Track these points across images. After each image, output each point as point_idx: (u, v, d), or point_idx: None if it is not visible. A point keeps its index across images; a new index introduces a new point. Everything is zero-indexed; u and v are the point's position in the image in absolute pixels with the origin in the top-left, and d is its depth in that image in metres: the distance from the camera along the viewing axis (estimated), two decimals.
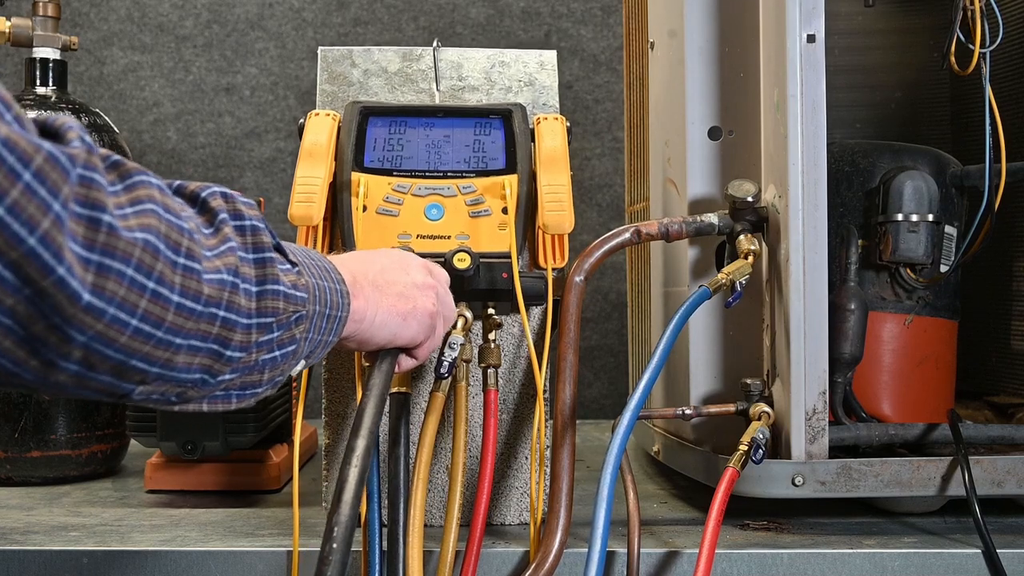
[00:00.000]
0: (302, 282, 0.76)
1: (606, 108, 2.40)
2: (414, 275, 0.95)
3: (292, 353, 0.77)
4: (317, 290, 0.79)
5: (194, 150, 2.36)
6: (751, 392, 1.19)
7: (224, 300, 0.67)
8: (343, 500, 0.76)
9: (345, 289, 0.84)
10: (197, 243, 0.66)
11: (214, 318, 0.67)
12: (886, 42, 1.70)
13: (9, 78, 2.35)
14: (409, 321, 0.92)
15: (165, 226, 0.63)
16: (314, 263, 0.81)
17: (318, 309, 0.79)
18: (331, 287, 0.82)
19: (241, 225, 0.72)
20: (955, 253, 1.32)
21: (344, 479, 0.78)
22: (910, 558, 1.09)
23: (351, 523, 0.76)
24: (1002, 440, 1.24)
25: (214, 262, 0.67)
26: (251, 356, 0.72)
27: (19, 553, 1.10)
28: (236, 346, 0.70)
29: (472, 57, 1.29)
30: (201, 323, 0.66)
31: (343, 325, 0.84)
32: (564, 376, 1.12)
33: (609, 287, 2.36)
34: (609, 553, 1.10)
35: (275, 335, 0.73)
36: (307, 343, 0.78)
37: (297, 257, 0.79)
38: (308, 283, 0.77)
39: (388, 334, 0.91)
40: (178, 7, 2.37)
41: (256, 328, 0.71)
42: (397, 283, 0.92)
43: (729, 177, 1.23)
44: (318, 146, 1.17)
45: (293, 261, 0.77)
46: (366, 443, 0.80)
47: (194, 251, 0.65)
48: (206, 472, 1.37)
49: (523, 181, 1.18)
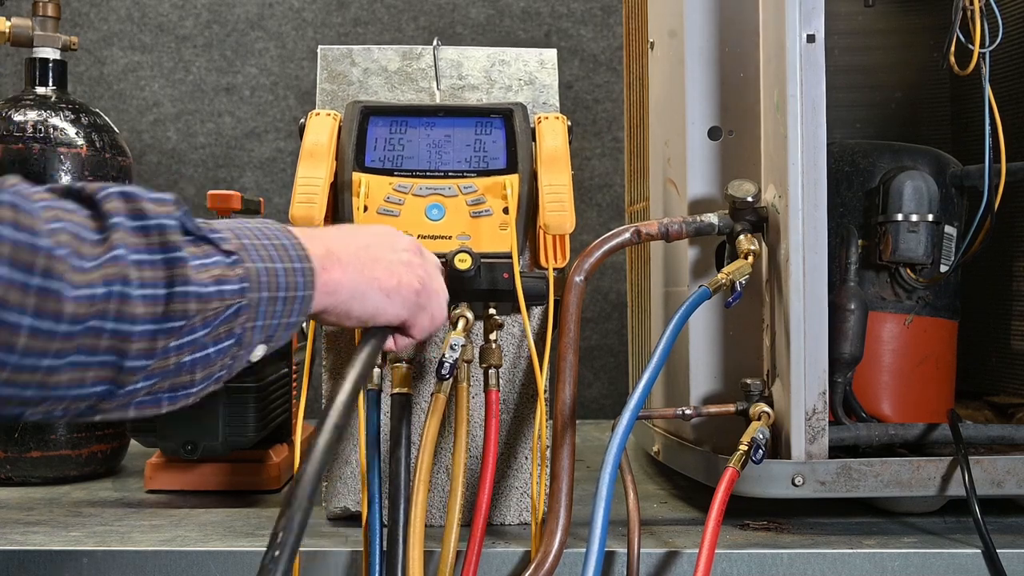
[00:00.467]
0: (235, 273, 0.73)
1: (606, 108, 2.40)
2: (400, 252, 0.93)
3: (234, 346, 0.74)
4: (265, 274, 0.76)
5: (194, 150, 2.36)
6: (751, 392, 1.19)
7: (110, 312, 0.65)
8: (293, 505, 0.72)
9: (309, 266, 0.81)
10: (61, 259, 0.62)
11: (99, 332, 0.65)
12: (886, 42, 1.70)
13: (9, 78, 2.35)
14: (393, 297, 0.91)
15: (9, 247, 0.60)
16: (267, 244, 0.78)
17: (267, 295, 0.76)
18: (286, 267, 0.79)
19: (144, 226, 0.69)
20: (955, 253, 1.32)
21: (300, 474, 0.74)
22: (910, 558, 1.09)
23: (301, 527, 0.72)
24: (1002, 440, 1.24)
25: (89, 275, 0.64)
26: (166, 361, 0.70)
27: (19, 553, 1.10)
28: (137, 355, 0.67)
29: (472, 56, 1.29)
30: (78, 340, 0.64)
31: (307, 303, 0.81)
32: (564, 376, 1.12)
33: (609, 287, 2.36)
34: (609, 553, 1.10)
35: (198, 335, 0.71)
36: (257, 331, 0.76)
37: (242, 241, 0.76)
38: (250, 270, 0.75)
39: (371, 308, 0.89)
40: (178, 7, 2.37)
41: (163, 334, 0.68)
42: (382, 259, 0.90)
43: (729, 177, 1.23)
44: (319, 146, 1.17)
45: (228, 250, 0.74)
46: (328, 439, 0.77)
47: (54, 269, 0.62)
48: (206, 472, 1.37)
49: (524, 181, 1.18)
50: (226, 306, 0.73)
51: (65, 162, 1.52)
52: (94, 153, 1.54)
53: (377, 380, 1.13)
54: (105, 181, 1.52)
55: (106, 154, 1.56)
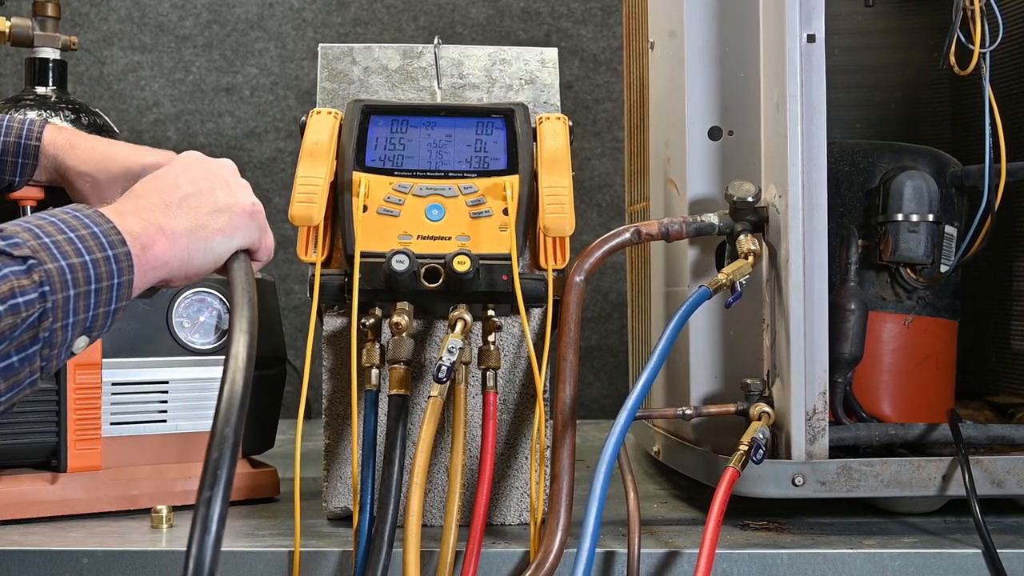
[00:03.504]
0: (31, 281, 0.72)
1: (606, 108, 2.40)
2: (222, 182, 0.92)
3: (43, 349, 0.73)
4: (69, 271, 0.74)
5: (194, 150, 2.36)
6: (751, 392, 1.19)
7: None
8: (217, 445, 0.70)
9: (124, 251, 0.79)
10: None
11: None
12: (886, 42, 1.70)
13: (9, 78, 2.35)
14: (232, 233, 0.90)
15: None
16: (73, 237, 0.76)
17: (74, 291, 0.74)
18: (96, 258, 0.76)
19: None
20: (955, 253, 1.32)
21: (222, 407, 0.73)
22: (910, 558, 1.09)
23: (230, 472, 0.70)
24: (1002, 440, 1.24)
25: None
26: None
27: (19, 553, 1.10)
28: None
29: (473, 55, 1.29)
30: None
31: (128, 287, 0.79)
32: (564, 376, 1.12)
33: (609, 287, 2.36)
34: (609, 553, 1.10)
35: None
36: (69, 328, 0.75)
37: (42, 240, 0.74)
38: (51, 271, 0.73)
39: (214, 255, 0.88)
40: (178, 7, 2.37)
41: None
42: (204, 204, 0.88)
43: (729, 177, 1.23)
44: (319, 145, 1.17)
45: (21, 256, 0.72)
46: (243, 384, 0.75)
47: None
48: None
49: (524, 182, 1.18)
50: (23, 317, 0.71)
51: None
52: None
53: (376, 381, 1.13)
54: None
55: None
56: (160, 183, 0.90)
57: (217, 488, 0.68)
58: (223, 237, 0.89)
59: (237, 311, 0.81)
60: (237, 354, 0.76)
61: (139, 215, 0.83)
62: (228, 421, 0.72)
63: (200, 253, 0.87)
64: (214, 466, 0.69)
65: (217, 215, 0.89)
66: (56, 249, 0.75)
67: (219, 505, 0.68)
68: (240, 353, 0.76)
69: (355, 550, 1.06)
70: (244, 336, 0.78)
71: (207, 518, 0.67)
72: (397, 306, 1.13)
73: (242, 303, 0.82)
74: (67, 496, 1.24)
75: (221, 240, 0.89)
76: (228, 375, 0.75)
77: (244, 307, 0.82)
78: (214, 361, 1.32)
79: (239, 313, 0.81)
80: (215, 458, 0.69)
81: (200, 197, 0.89)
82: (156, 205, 0.86)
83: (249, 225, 0.92)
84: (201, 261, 0.87)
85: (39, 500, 1.23)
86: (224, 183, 0.93)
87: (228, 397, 0.73)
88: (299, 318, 2.32)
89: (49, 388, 1.24)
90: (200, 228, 0.87)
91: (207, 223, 0.88)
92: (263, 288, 1.39)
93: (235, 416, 0.72)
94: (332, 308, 1.20)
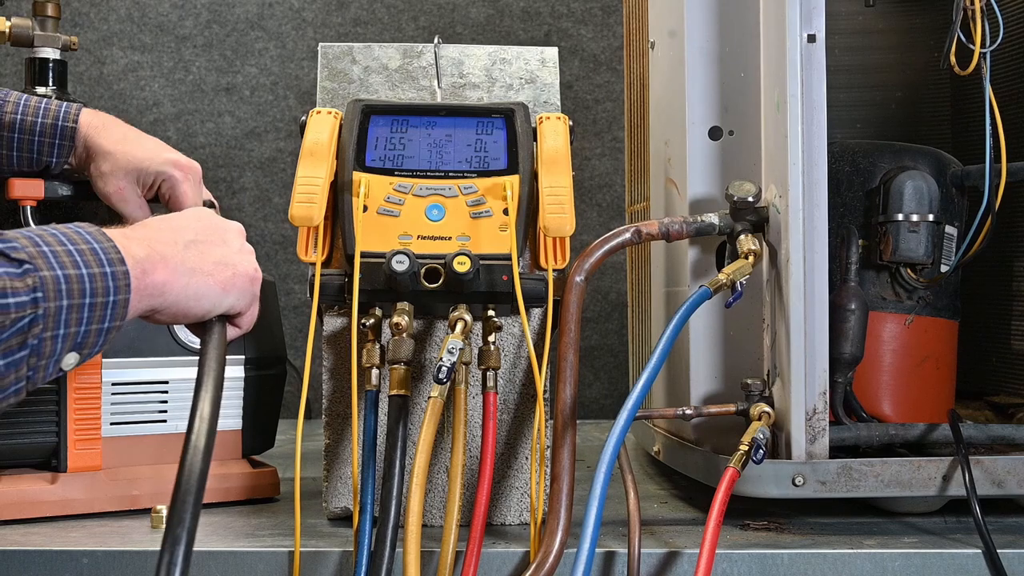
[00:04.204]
0: (24, 284, 0.72)
1: (606, 108, 2.40)
2: (231, 241, 0.93)
3: (30, 357, 0.73)
4: (64, 281, 0.74)
5: (194, 150, 2.36)
6: (751, 392, 1.19)
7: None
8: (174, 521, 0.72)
9: (123, 270, 0.79)
10: None
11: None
12: (886, 42, 1.70)
13: (9, 78, 2.35)
14: (229, 290, 0.90)
15: None
16: (72, 249, 0.76)
17: (67, 303, 0.74)
18: (93, 273, 0.76)
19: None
20: (955, 253, 1.32)
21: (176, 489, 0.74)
22: (910, 558, 1.09)
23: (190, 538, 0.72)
24: (1002, 440, 1.24)
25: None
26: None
27: (19, 553, 1.10)
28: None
29: (473, 54, 1.28)
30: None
31: (121, 308, 0.79)
32: (564, 376, 1.12)
33: (609, 287, 2.36)
34: (609, 553, 1.10)
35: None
36: (59, 340, 0.75)
37: (40, 248, 0.74)
38: (47, 278, 0.73)
39: (208, 304, 0.89)
40: (178, 7, 2.37)
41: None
42: (213, 252, 0.90)
43: (729, 177, 1.23)
44: (319, 145, 1.17)
45: (19, 259, 0.72)
46: (205, 442, 0.77)
47: None
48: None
49: (525, 182, 1.18)
50: (12, 319, 0.71)
51: None
52: None
53: (376, 381, 1.13)
54: None
55: None
56: (172, 223, 0.91)
57: (176, 553, 0.70)
58: (220, 290, 0.89)
59: (202, 388, 0.81)
60: (196, 442, 0.76)
61: (146, 243, 0.83)
62: (184, 503, 0.72)
63: (194, 296, 0.87)
64: (172, 539, 0.71)
65: (221, 268, 0.90)
66: (54, 258, 0.75)
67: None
68: (200, 440, 0.76)
69: (355, 550, 1.06)
70: (205, 423, 0.78)
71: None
72: (397, 306, 1.13)
73: (208, 380, 0.82)
74: (67, 496, 1.24)
75: (218, 292, 0.89)
76: (192, 436, 0.75)
77: (209, 385, 0.82)
78: None
79: (203, 391, 0.81)
80: (175, 524, 0.71)
81: (208, 247, 0.90)
82: (165, 239, 0.86)
83: (246, 288, 0.93)
84: (194, 304, 0.87)
85: (39, 500, 1.23)
86: (232, 243, 0.93)
87: (189, 465, 0.74)
88: (299, 318, 2.32)
89: (49, 388, 1.24)
90: (202, 273, 0.88)
91: (210, 271, 0.89)
92: (264, 288, 1.38)
93: (195, 486, 0.73)
94: (332, 308, 1.20)
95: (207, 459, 0.75)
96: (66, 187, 1.30)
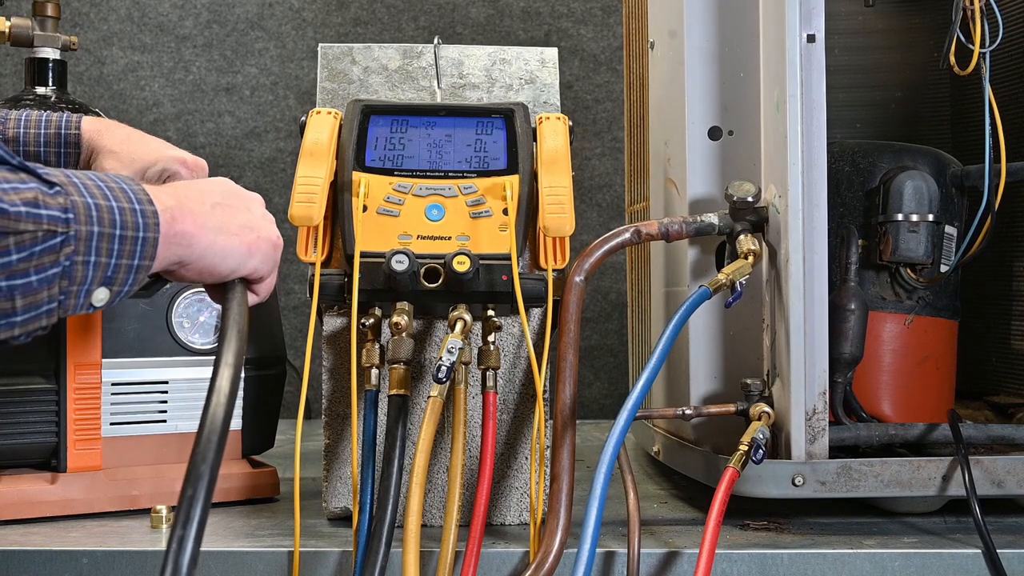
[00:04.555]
0: (56, 201, 0.72)
1: (606, 108, 2.40)
2: (254, 208, 0.94)
3: (61, 278, 0.73)
4: (95, 210, 0.75)
5: (194, 150, 2.35)
6: (751, 392, 1.19)
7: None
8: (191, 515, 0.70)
9: (152, 209, 0.79)
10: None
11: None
12: (886, 42, 1.70)
13: (9, 78, 2.35)
14: (254, 252, 0.91)
15: None
16: (102, 186, 0.77)
17: (98, 230, 0.75)
18: (123, 207, 0.77)
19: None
20: (955, 253, 1.32)
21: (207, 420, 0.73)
22: (910, 558, 1.09)
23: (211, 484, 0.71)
24: (1002, 440, 1.24)
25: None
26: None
27: (19, 553, 1.10)
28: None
29: (473, 54, 1.29)
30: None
31: (151, 246, 0.79)
32: (564, 376, 1.12)
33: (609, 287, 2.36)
34: (609, 553, 1.10)
35: (12, 258, 0.70)
36: (90, 267, 0.75)
37: (72, 180, 0.75)
38: (78, 203, 0.74)
39: (233, 263, 0.89)
40: (178, 7, 2.37)
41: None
42: (236, 217, 0.90)
43: (729, 177, 1.23)
44: (319, 145, 1.17)
45: (51, 181, 0.73)
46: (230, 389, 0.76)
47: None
48: None
49: (524, 182, 1.18)
50: (45, 232, 0.71)
51: None
52: None
53: (376, 381, 1.13)
54: None
55: None
56: (199, 187, 0.91)
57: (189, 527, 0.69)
58: (245, 251, 0.90)
59: (226, 343, 0.81)
60: (220, 388, 0.76)
61: (174, 197, 0.84)
62: (205, 459, 0.71)
63: (220, 253, 0.87)
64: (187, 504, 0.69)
65: (246, 231, 0.90)
66: (85, 189, 0.75)
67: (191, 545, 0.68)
68: (223, 387, 0.76)
69: (355, 550, 1.06)
70: (229, 370, 0.78)
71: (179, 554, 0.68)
72: (397, 306, 1.13)
73: (231, 335, 0.82)
74: (67, 496, 1.24)
75: (242, 253, 0.89)
76: (210, 409, 0.74)
77: (233, 339, 0.82)
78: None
79: (227, 346, 0.81)
80: (189, 496, 0.70)
81: (233, 211, 0.90)
82: (193, 198, 0.86)
83: (268, 253, 0.93)
84: (219, 262, 0.88)
85: (39, 500, 1.23)
86: (255, 210, 0.94)
87: (207, 434, 0.73)
88: (299, 318, 2.32)
89: (49, 388, 1.24)
90: (228, 233, 0.88)
91: (236, 232, 0.89)
92: None
93: (212, 454, 0.72)
94: (332, 308, 1.20)
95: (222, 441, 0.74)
96: None
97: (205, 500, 0.70)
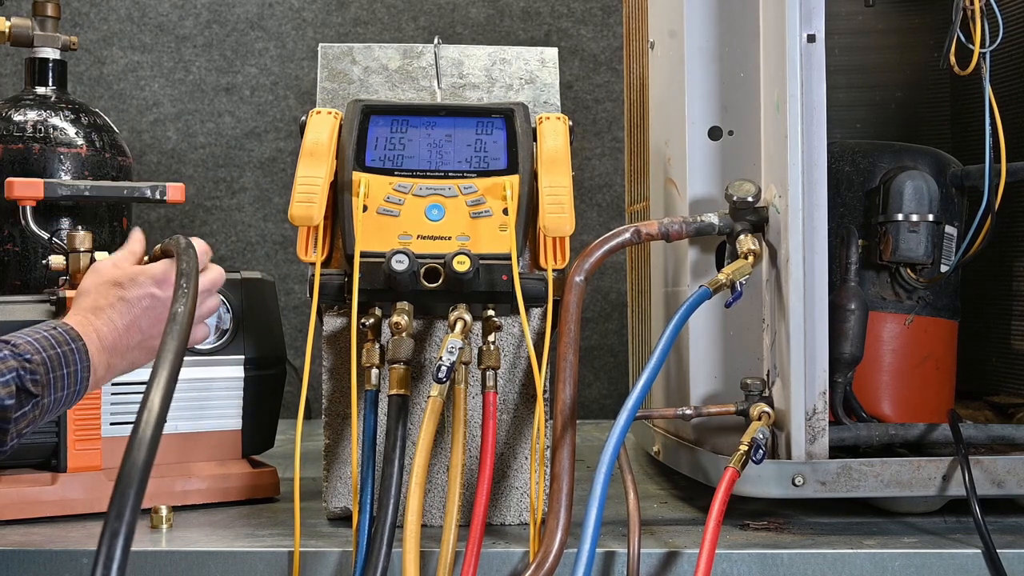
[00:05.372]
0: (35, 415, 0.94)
1: (606, 108, 2.40)
2: (159, 317, 1.03)
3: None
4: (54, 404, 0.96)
5: (194, 150, 2.36)
6: (751, 392, 1.19)
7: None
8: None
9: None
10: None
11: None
12: (886, 42, 1.70)
13: (9, 78, 2.35)
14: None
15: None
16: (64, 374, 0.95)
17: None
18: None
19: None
20: (955, 253, 1.32)
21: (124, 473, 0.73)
22: (910, 558, 1.09)
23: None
24: (1002, 440, 1.24)
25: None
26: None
27: (19, 553, 1.10)
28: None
29: (473, 54, 1.29)
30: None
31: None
32: (564, 376, 1.12)
33: (609, 287, 2.36)
34: (609, 553, 1.10)
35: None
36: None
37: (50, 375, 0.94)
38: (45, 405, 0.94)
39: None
40: (178, 7, 2.37)
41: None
42: (148, 340, 1.04)
43: (729, 177, 1.23)
44: (319, 145, 1.17)
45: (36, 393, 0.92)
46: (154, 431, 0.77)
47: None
48: None
49: (524, 182, 1.18)
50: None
51: (65, 162, 1.52)
52: (94, 153, 1.54)
53: (376, 381, 1.13)
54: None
55: (106, 154, 1.56)
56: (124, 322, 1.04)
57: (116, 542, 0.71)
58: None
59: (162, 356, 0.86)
60: (152, 406, 0.78)
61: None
62: (130, 483, 0.72)
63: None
64: (114, 520, 0.71)
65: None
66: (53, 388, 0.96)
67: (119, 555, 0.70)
68: (155, 407, 0.78)
69: (355, 550, 1.06)
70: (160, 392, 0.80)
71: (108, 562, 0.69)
72: (397, 306, 1.13)
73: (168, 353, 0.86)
74: (67, 496, 1.24)
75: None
76: (139, 429, 0.75)
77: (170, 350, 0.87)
78: (214, 361, 1.32)
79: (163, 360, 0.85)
80: (114, 516, 0.71)
81: (141, 333, 1.04)
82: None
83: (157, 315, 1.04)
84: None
85: (39, 500, 1.23)
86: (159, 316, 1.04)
87: (133, 459, 0.73)
88: (299, 318, 2.32)
89: None
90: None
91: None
92: (263, 288, 1.39)
93: (137, 479, 0.72)
94: (332, 308, 1.20)
95: (149, 463, 0.74)
96: (66, 188, 1.30)
97: (129, 527, 0.72)
